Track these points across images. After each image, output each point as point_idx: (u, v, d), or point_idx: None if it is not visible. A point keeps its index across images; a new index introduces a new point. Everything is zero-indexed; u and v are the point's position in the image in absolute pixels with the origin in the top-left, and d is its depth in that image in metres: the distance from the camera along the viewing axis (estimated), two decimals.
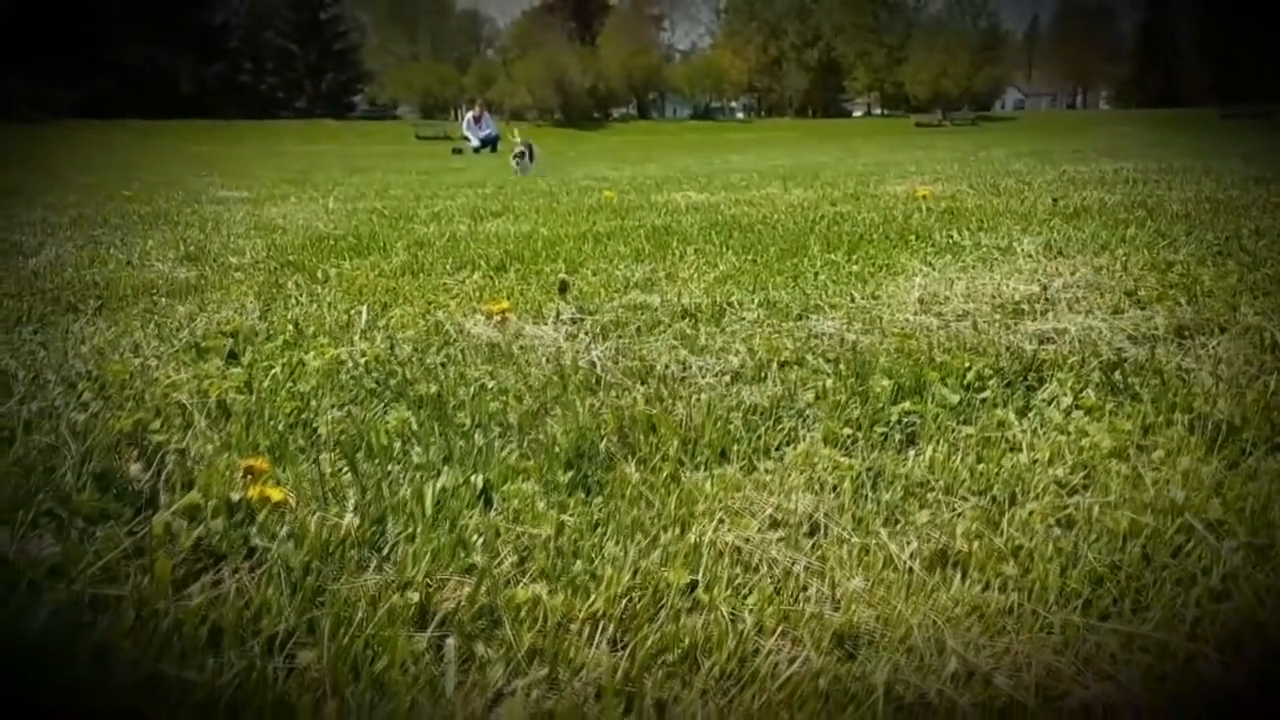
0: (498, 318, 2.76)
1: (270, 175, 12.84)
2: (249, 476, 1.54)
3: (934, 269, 3.62)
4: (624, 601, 1.29)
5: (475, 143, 27.75)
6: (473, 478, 1.64)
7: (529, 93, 49.75)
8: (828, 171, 11.71)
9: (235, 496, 1.51)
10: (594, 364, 2.30)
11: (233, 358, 2.35)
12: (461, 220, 5.85)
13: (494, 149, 27.32)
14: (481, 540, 1.45)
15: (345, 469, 1.68)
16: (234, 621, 1.22)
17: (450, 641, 1.21)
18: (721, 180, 9.79)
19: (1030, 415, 1.93)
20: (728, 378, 2.17)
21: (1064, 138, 24.32)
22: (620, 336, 2.57)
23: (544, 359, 2.39)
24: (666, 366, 2.26)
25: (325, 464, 1.69)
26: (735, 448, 1.77)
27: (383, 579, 1.34)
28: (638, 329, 2.65)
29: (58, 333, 2.72)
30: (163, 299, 3.29)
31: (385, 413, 1.99)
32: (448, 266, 3.85)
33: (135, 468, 1.63)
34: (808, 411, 1.95)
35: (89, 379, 2.14)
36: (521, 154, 13.99)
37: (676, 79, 56.18)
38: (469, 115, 29.97)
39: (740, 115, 56.04)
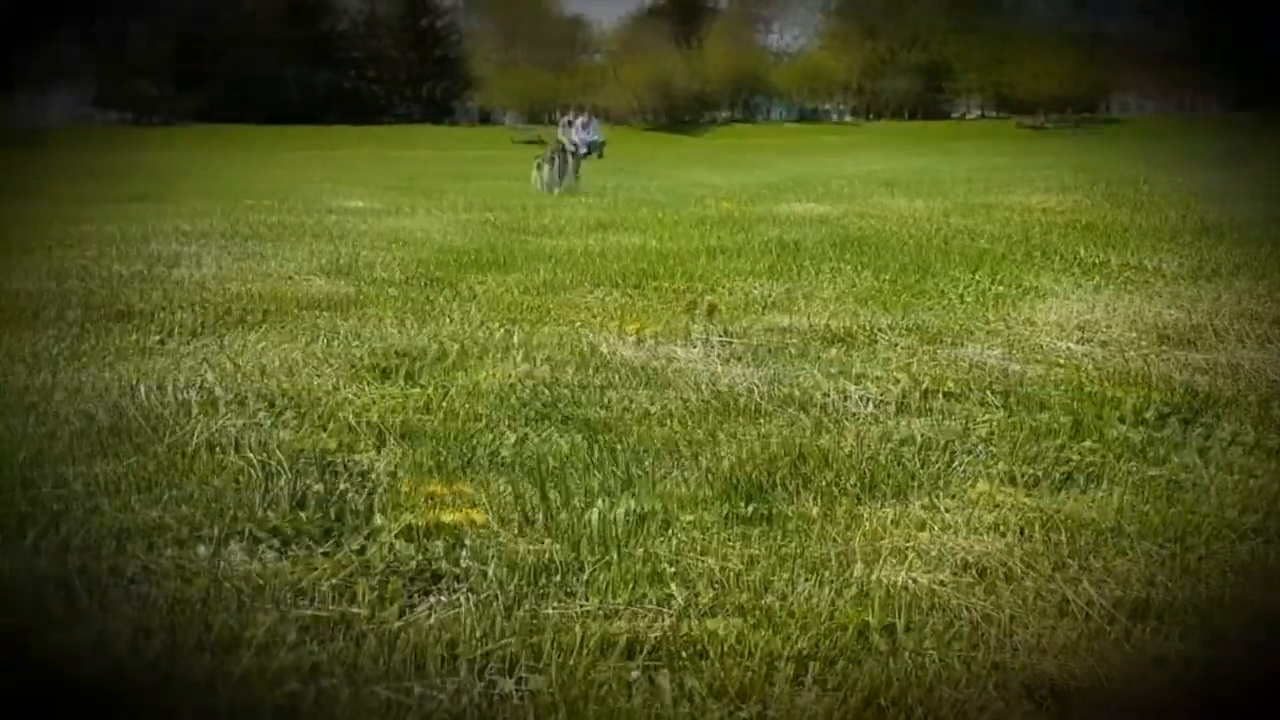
0: (648, 341, 2.82)
1: (380, 182, 13.22)
2: (454, 500, 1.63)
3: (1075, 291, 3.56)
4: (825, 642, 1.32)
5: (582, 148, 28.14)
6: (654, 505, 1.70)
7: (631, 96, 50.17)
8: (937, 177, 11.52)
9: (444, 519, 1.60)
10: (751, 390, 2.34)
11: (410, 378, 2.47)
12: (580, 233, 5.95)
13: (600, 154, 27.73)
14: (674, 571, 1.51)
15: (533, 492, 1.75)
16: (459, 642, 1.30)
17: (664, 675, 1.27)
18: (835, 189, 9.70)
19: (1212, 455, 1.89)
20: (891, 408, 2.19)
21: (1167, 141, 23.34)
22: (773, 362, 2.61)
23: (698, 383, 2.44)
24: (826, 395, 2.28)
25: (515, 488, 1.77)
26: (912, 484, 1.79)
27: (590, 606, 1.40)
28: (789, 353, 2.68)
29: (235, 346, 2.88)
30: (323, 313, 3.44)
31: (557, 436, 2.07)
32: (583, 283, 3.93)
33: (344, 487, 1.74)
34: (980, 448, 1.96)
35: (285, 396, 2.27)
36: (552, 159, 10.20)
37: (779, 81, 55.89)
38: (577, 120, 30.43)
39: (848, 118, 55.44)
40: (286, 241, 5.49)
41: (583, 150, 28.23)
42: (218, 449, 1.92)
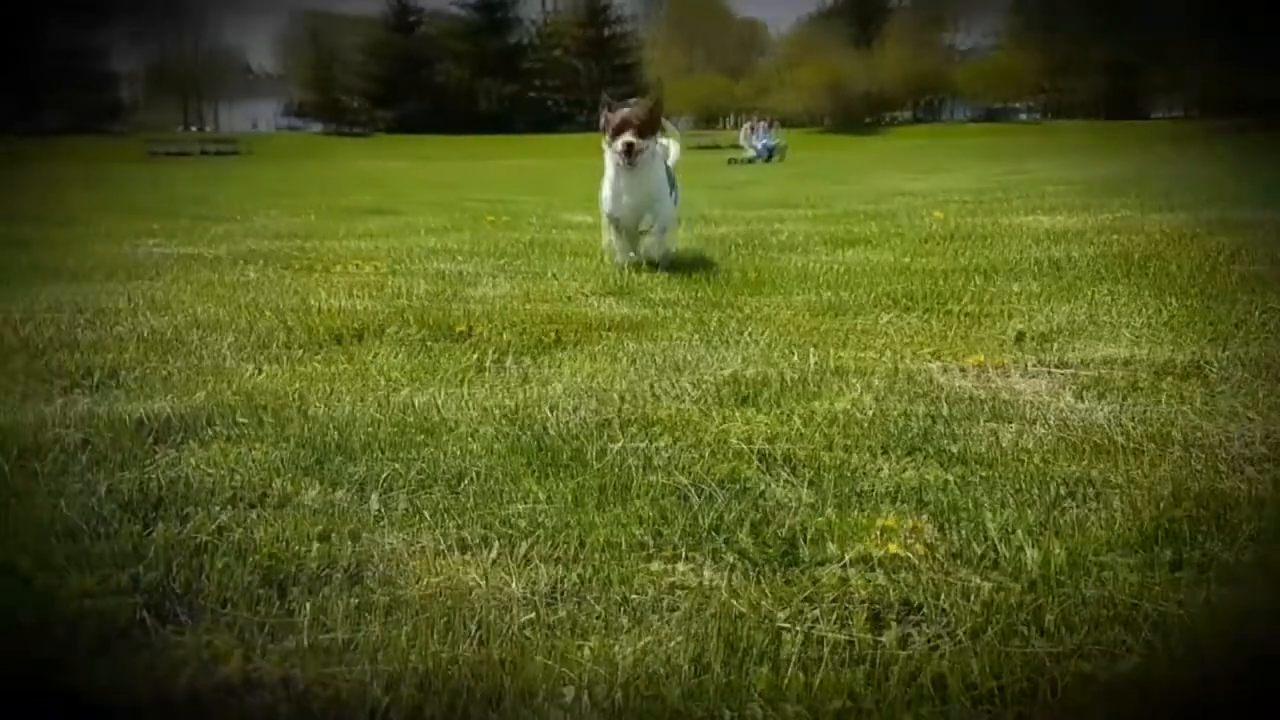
0: (970, 370, 2.87)
1: (580, 191, 13.64)
2: (883, 533, 1.75)
3: None
4: None
5: (751, 153, 28.47)
6: (1061, 546, 1.76)
7: (805, 99, 49.98)
8: (1162, 186, 10.95)
9: (872, 551, 1.72)
10: (1103, 426, 2.36)
11: (751, 403, 2.61)
12: (818, 249, 6.01)
13: (770, 158, 27.90)
14: (1115, 615, 1.57)
15: (957, 528, 1.85)
16: (945, 673, 1.41)
17: None
18: (1056, 197, 9.38)
19: None
20: (1264, 449, 2.17)
21: None
22: (1112, 395, 2.61)
23: (1043, 417, 2.46)
24: (1186, 433, 2.28)
25: (918, 520, 1.87)
26: None
27: (1050, 647, 1.49)
28: (1123, 386, 2.68)
29: (566, 368, 3.12)
30: (617, 335, 3.65)
31: (927, 469, 2.15)
32: (859, 305, 4.00)
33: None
34: None
35: (648, 420, 2.46)
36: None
37: (959, 81, 54.33)
38: (746, 125, 30.80)
39: (1024, 117, 53.24)
40: (542, 259, 5.80)
41: (750, 154, 28.60)
42: (636, 469, 2.11)
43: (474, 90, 50.96)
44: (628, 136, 4.68)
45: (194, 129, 63.79)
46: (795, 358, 3.12)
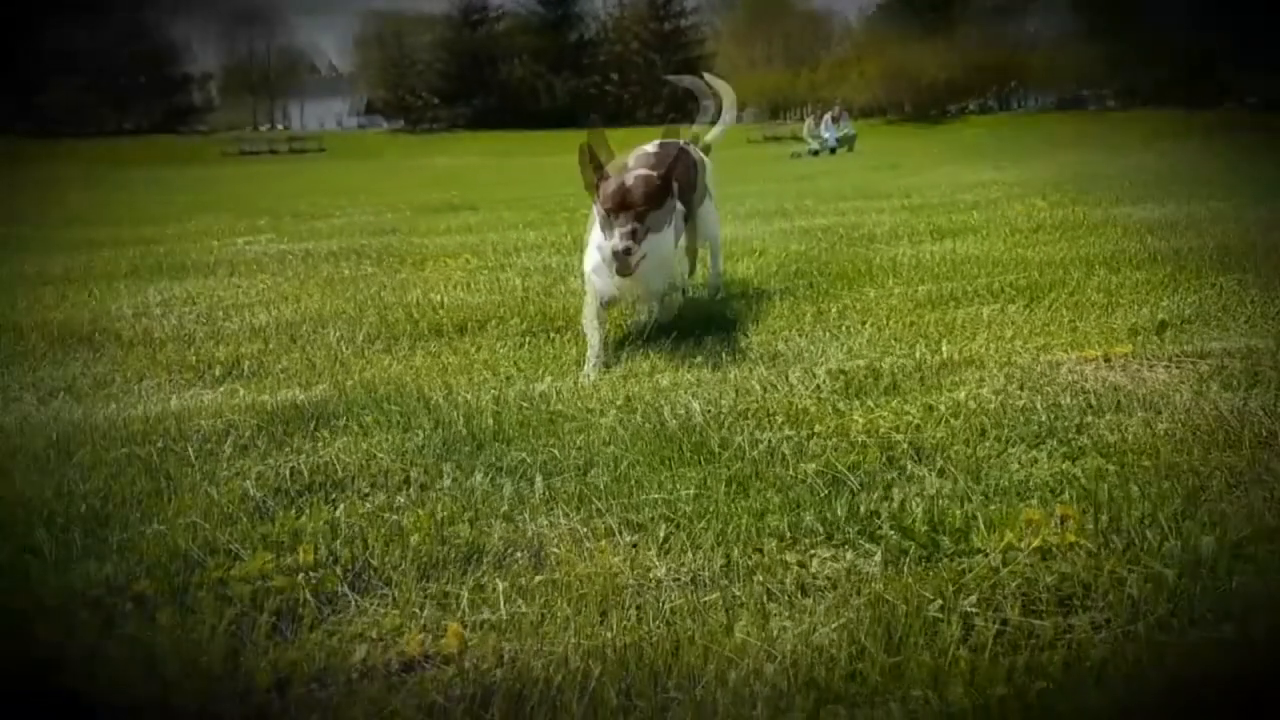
0: (1115, 361, 2.84)
1: None
2: (1064, 523, 1.76)
3: None
4: None
5: (816, 145, 28.21)
6: (1236, 536, 1.75)
7: (875, 89, 49.38)
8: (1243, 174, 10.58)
9: (1053, 540, 1.73)
10: (1244, 418, 2.32)
11: (889, 394, 2.62)
12: (916, 241, 5.95)
13: (851, 148, 27.61)
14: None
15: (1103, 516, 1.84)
16: (1107, 658, 1.42)
17: None
18: (1155, 185, 9.12)
19: None
20: None
21: None
22: (1255, 389, 2.56)
23: (1185, 409, 2.43)
24: None
25: (1076, 511, 1.87)
26: None
27: (1240, 635, 1.48)
28: (1267, 379, 2.62)
29: (675, 358, 3.16)
30: (731, 326, 3.67)
31: (1075, 460, 2.15)
32: (972, 296, 3.97)
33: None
34: None
35: (774, 412, 2.49)
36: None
37: (1040, 67, 53.08)
38: (826, 116, 30.51)
39: (1111, 104, 51.72)
40: None
41: (831, 143, 28.30)
42: (789, 458, 2.15)
43: (549, 85, 51.57)
44: (625, 241, 2.89)
45: (280, 127, 65.60)
46: (925, 348, 3.12)
